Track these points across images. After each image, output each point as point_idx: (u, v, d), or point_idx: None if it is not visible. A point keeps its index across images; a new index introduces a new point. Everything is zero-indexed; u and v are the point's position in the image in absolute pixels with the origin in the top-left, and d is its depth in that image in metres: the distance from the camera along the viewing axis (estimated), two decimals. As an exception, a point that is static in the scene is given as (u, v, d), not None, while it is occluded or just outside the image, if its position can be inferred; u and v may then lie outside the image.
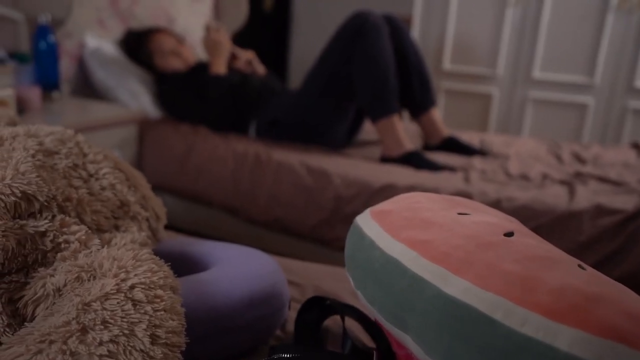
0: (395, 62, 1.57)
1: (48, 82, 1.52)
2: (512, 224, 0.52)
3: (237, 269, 0.62)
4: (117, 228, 0.62)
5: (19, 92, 1.35)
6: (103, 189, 0.63)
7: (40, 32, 1.49)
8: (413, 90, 1.67)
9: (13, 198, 0.51)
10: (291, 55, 3.45)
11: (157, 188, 1.55)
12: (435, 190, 1.24)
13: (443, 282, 0.43)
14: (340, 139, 1.67)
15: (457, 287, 0.42)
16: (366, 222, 0.59)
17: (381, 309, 0.49)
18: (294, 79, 3.50)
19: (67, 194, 0.57)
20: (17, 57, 1.53)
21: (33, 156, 0.57)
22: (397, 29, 1.64)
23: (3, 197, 0.50)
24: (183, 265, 0.68)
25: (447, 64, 2.56)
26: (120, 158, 0.70)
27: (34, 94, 1.38)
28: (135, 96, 1.74)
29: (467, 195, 1.21)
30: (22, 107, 1.36)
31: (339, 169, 1.37)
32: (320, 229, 1.34)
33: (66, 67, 1.73)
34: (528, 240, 0.47)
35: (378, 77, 1.50)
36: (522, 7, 2.38)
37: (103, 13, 1.82)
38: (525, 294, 0.39)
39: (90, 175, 0.63)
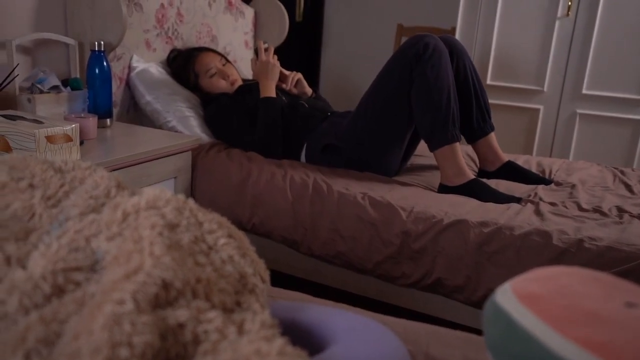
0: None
1: (101, 109, 1.49)
2: None
3: (364, 353, 0.57)
4: (239, 304, 0.58)
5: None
6: (223, 262, 0.59)
7: (95, 59, 1.46)
8: (471, 114, 1.62)
9: (154, 288, 0.47)
10: (322, 65, 3.41)
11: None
12: (510, 229, 1.19)
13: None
14: (395, 166, 1.62)
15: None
16: (515, 307, 0.54)
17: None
18: (324, 89, 3.46)
19: (197, 274, 0.53)
20: (70, 83, 1.50)
21: (161, 234, 0.54)
22: (457, 51, 1.59)
23: (146, 289, 0.47)
24: (295, 336, 0.64)
25: (490, 79, 2.51)
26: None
27: (91, 123, 1.35)
28: (183, 120, 1.71)
29: (545, 234, 1.16)
30: (81, 138, 1.33)
31: (403, 202, 1.33)
32: (385, 265, 1.30)
33: (114, 91, 1.70)
34: None
35: (439, 104, 1.46)
36: (571, 19, 2.32)
37: (150, 34, 1.79)
38: None
39: (210, 248, 0.59)
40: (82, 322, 0.43)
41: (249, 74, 2.33)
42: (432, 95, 1.46)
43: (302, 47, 3.35)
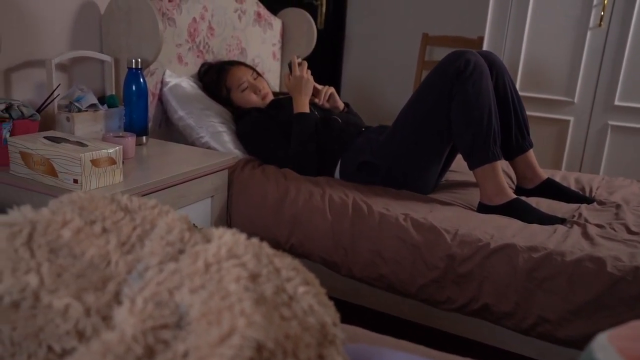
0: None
1: (137, 127, 1.48)
2: None
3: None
4: (321, 357, 0.56)
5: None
6: (305, 313, 0.57)
7: (132, 76, 1.45)
8: (510, 131, 1.59)
9: (250, 352, 0.46)
10: (344, 74, 3.39)
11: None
12: (561, 255, 1.16)
13: None
14: (432, 183, 1.60)
15: None
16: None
17: None
18: (346, 98, 3.43)
19: (285, 330, 0.51)
20: (107, 100, 1.49)
21: (247, 288, 0.52)
22: (496, 67, 1.56)
23: (243, 353, 0.45)
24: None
25: (518, 89, 2.46)
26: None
27: (130, 143, 1.34)
28: (216, 136, 1.69)
29: (599, 261, 1.13)
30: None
31: (446, 224, 1.30)
32: (429, 289, 1.27)
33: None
34: None
35: (480, 121, 1.43)
36: (604, 29, 2.28)
37: (182, 48, 1.78)
38: None
39: (291, 298, 0.57)
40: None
41: (276, 86, 2.31)
42: (473, 112, 1.43)
43: (323, 55, 3.32)
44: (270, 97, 1.86)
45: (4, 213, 0.65)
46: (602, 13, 2.26)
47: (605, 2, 2.24)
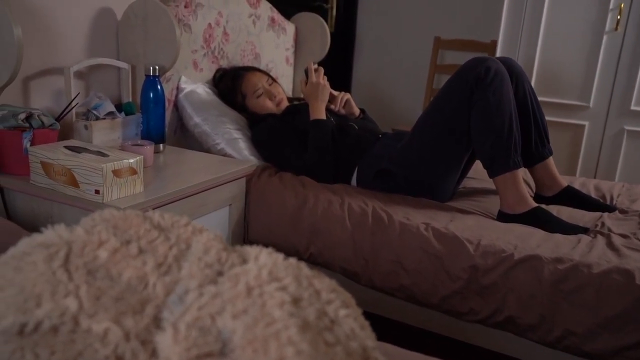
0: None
1: (154, 134, 1.47)
2: None
3: None
4: (364, 383, 0.55)
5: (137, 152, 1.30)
6: (348, 338, 0.55)
7: (150, 84, 1.44)
8: (530, 138, 1.58)
9: (299, 384, 0.44)
10: (354, 77, 3.37)
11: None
12: (588, 267, 1.14)
13: None
14: (451, 190, 1.58)
15: None
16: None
17: None
18: (356, 102, 3.42)
19: (330, 357, 0.50)
20: (124, 107, 1.48)
21: (291, 314, 0.51)
22: (516, 74, 1.54)
23: (292, 386, 0.43)
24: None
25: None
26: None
27: (149, 152, 1.33)
28: (231, 143, 1.68)
29: (627, 273, 1.11)
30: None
31: (468, 234, 1.29)
32: (452, 300, 1.25)
33: (163, 113, 1.69)
34: None
35: (501, 129, 1.41)
36: (620, 33, 2.25)
37: (197, 54, 1.77)
38: None
39: (333, 322, 0.56)
40: None
41: (289, 91, 2.30)
42: (493, 120, 1.41)
43: (333, 59, 3.31)
44: (286, 103, 1.84)
45: (37, 231, 0.64)
46: (619, 17, 2.24)
47: (622, 5, 2.22)
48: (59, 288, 0.53)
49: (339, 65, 3.35)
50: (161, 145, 1.50)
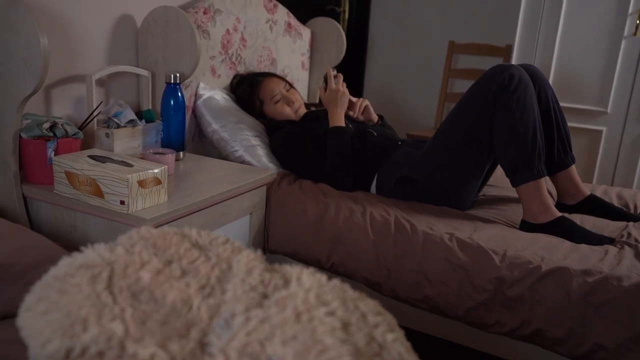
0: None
1: (175, 142, 1.47)
2: None
3: None
4: (413, 409, 0.54)
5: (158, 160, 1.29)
6: (397, 363, 0.54)
7: (170, 91, 1.44)
8: (553, 146, 1.56)
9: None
10: (366, 81, 3.36)
11: (287, 257, 1.48)
12: (618, 280, 1.12)
13: None
14: (472, 198, 1.57)
15: None
16: None
17: None
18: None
19: (383, 386, 0.49)
20: (144, 115, 1.48)
21: (343, 341, 0.49)
22: (539, 81, 1.52)
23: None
24: None
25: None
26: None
27: (171, 160, 1.33)
28: (250, 150, 1.67)
29: (658, 286, 1.09)
30: (160, 175, 1.30)
31: (493, 244, 1.27)
32: (477, 312, 1.24)
33: (182, 119, 1.68)
34: None
35: (525, 138, 1.39)
36: (639, 38, 2.23)
37: (215, 60, 1.77)
38: None
39: (381, 347, 0.54)
40: None
41: (305, 96, 2.29)
42: (517, 128, 1.39)
43: (345, 62, 3.30)
44: (303, 110, 1.83)
45: (76, 249, 0.63)
46: (638, 21, 2.22)
47: (641, 10, 2.20)
48: (105, 312, 0.52)
49: (351, 70, 3.34)
50: (181, 153, 1.49)
